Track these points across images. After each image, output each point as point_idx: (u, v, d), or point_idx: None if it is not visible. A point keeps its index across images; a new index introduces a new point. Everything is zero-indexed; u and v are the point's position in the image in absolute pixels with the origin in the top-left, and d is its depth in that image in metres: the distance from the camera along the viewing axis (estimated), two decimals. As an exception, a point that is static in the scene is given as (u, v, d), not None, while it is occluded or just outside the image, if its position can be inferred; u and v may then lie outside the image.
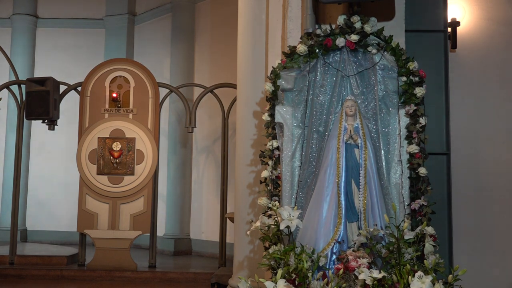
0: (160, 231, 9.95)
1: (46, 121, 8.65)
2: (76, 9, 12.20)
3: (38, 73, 11.46)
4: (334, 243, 3.99)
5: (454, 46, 5.57)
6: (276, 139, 4.34)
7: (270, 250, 3.90)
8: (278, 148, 4.32)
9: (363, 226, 3.98)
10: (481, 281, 5.10)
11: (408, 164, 4.18)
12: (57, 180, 11.65)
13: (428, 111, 4.32)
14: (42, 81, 8.45)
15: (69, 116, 9.84)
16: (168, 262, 9.43)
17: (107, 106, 8.58)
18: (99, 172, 8.41)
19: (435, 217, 4.15)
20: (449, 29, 5.48)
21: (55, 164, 11.69)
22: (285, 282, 3.51)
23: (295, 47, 4.33)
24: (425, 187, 4.12)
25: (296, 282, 3.67)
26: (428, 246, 3.81)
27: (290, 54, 4.33)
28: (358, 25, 4.23)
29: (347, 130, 4.16)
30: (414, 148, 4.15)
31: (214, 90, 8.86)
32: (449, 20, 5.43)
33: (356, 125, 4.17)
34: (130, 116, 8.54)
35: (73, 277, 8.00)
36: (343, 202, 4.06)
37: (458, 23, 5.58)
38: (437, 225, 4.05)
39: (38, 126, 10.36)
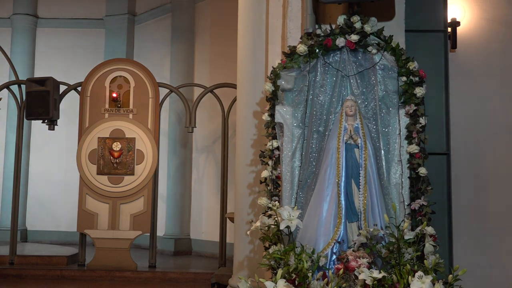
0: (160, 231, 9.95)
1: (46, 121, 8.65)
2: (76, 9, 12.20)
3: (38, 73, 11.46)
4: (334, 243, 3.99)
5: (454, 46, 5.57)
6: (276, 139, 4.34)
7: (270, 250, 3.90)
8: (278, 148, 4.32)
9: (363, 226, 3.98)
10: (481, 281, 5.10)
11: (408, 164, 4.18)
12: (57, 180, 11.65)
13: (428, 111, 4.31)
14: (42, 81, 8.45)
15: (69, 116, 9.84)
16: (168, 262, 9.43)
17: (107, 106, 8.58)
18: (99, 172, 8.41)
19: (435, 217, 4.15)
20: (449, 29, 5.47)
21: (55, 164, 11.69)
22: (285, 282, 3.51)
23: (295, 47, 4.32)
24: (425, 187, 4.12)
25: (296, 282, 3.67)
26: (428, 246, 3.81)
27: (290, 54, 4.33)
28: (358, 25, 4.23)
29: (347, 130, 4.16)
30: (414, 148, 4.15)
31: (214, 90, 8.86)
32: (449, 20, 5.43)
33: (356, 125, 4.17)
34: (130, 116, 8.55)
35: (73, 277, 8.01)
36: (343, 202, 4.06)
37: (458, 23, 5.58)
38: (437, 225, 4.05)
39: (38, 126, 10.36)
